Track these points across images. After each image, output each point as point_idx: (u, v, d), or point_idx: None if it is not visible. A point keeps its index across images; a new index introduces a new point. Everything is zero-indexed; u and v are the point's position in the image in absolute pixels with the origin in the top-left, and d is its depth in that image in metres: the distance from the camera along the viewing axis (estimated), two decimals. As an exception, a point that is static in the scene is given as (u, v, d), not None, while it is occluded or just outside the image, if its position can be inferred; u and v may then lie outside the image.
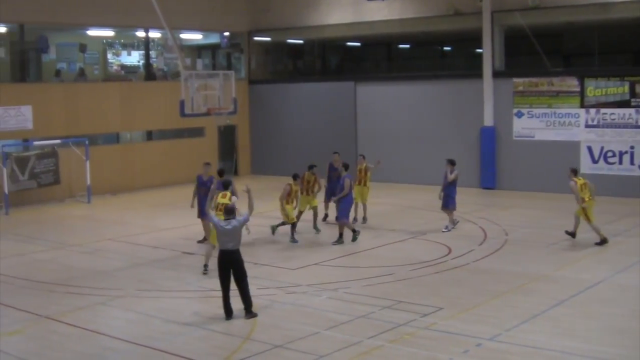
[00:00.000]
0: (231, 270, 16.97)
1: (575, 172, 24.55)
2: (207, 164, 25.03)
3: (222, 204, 19.75)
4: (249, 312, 16.97)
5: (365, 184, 28.34)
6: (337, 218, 25.29)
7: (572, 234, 24.41)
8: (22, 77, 36.68)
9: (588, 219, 23.87)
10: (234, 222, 16.97)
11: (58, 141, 34.75)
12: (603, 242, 23.82)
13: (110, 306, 18.64)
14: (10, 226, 29.81)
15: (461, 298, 18.46)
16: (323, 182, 27.43)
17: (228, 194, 20.50)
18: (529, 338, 15.42)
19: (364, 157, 29.09)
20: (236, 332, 16.20)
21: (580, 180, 24.05)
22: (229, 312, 17.01)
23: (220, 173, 23.69)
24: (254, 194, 18.17)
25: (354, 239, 24.65)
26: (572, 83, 34.47)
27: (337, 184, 25.83)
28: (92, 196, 34.94)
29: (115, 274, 21.74)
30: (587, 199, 23.88)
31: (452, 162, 27.04)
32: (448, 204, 26.76)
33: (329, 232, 26.23)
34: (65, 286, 20.36)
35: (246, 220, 17.38)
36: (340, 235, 24.79)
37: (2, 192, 32.25)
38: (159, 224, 29.40)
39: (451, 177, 26.55)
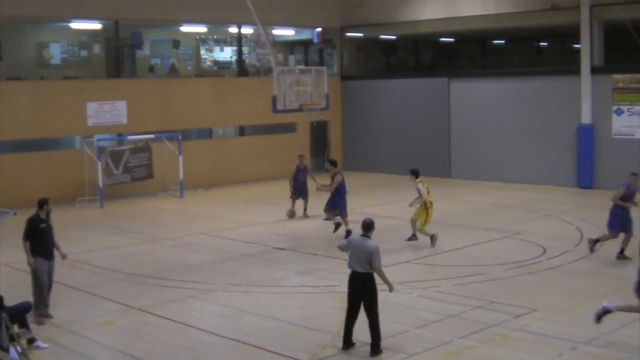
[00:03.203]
0: (361, 296, 14.74)
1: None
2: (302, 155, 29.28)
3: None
4: (374, 349, 14.62)
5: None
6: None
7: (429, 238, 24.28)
8: (117, 73, 37.17)
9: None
10: (366, 244, 14.63)
11: (151, 136, 35.10)
12: (413, 238, 24.45)
13: (200, 299, 18.74)
14: (105, 219, 30.21)
15: (556, 300, 18.09)
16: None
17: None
18: (627, 343, 15.01)
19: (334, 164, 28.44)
20: (325, 328, 16.09)
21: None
22: (347, 343, 14.93)
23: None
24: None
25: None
26: (674, 79, 33.73)
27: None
28: (184, 190, 35.22)
29: (206, 268, 21.84)
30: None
31: None
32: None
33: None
34: (157, 279, 20.52)
35: (374, 253, 14.51)
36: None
37: (97, 186, 32.69)
38: (250, 218, 29.48)
39: None
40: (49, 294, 17.16)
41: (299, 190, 29.36)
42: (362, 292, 14.64)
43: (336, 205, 25.65)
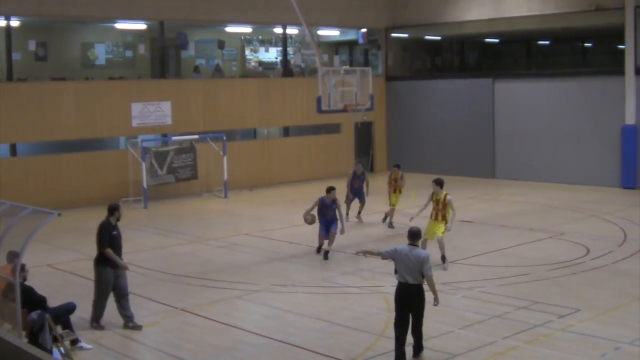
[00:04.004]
0: (412, 307, 14.19)
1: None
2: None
3: None
4: (418, 350, 14.41)
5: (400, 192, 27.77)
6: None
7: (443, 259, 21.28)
8: (162, 73, 37.40)
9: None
10: (416, 252, 14.19)
11: (196, 136, 35.30)
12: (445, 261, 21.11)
13: (245, 300, 18.85)
14: (150, 220, 30.42)
15: (600, 300, 18.04)
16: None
17: None
18: (671, 343, 14.95)
19: (399, 167, 28.08)
20: (370, 328, 16.16)
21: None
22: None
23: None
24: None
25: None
26: None
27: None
28: (228, 191, 35.37)
29: (251, 269, 21.95)
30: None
31: None
32: None
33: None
34: (202, 279, 20.65)
35: (425, 260, 14.08)
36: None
37: (141, 186, 32.93)
38: (295, 219, 29.45)
39: None
40: (127, 301, 16.78)
41: (356, 194, 28.36)
42: (413, 303, 14.11)
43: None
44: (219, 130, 36.25)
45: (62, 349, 13.97)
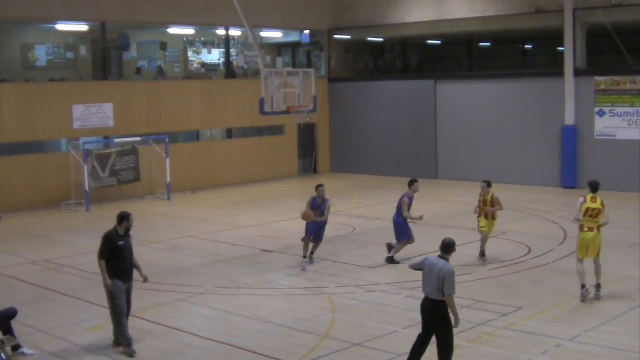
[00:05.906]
0: (431, 327, 13.29)
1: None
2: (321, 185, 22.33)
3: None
4: None
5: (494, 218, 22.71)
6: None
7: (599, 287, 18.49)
8: (104, 75, 37.15)
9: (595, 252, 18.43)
10: (440, 266, 13.17)
11: (138, 139, 35.11)
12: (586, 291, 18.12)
13: (190, 303, 18.77)
14: (92, 223, 30.17)
15: (541, 298, 18.26)
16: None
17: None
18: (609, 339, 15.20)
19: (488, 185, 23.07)
20: (315, 330, 16.18)
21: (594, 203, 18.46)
22: None
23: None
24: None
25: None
26: (655, 81, 33.90)
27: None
28: (172, 194, 35.23)
29: (196, 271, 21.89)
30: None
31: None
32: None
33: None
34: (146, 283, 20.51)
35: (447, 276, 12.96)
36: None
37: (83, 189, 32.66)
38: (239, 221, 29.53)
39: None
40: (127, 320, 15.59)
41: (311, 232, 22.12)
42: (433, 321, 13.16)
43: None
44: (162, 133, 36.09)
45: (3, 355, 13.79)
